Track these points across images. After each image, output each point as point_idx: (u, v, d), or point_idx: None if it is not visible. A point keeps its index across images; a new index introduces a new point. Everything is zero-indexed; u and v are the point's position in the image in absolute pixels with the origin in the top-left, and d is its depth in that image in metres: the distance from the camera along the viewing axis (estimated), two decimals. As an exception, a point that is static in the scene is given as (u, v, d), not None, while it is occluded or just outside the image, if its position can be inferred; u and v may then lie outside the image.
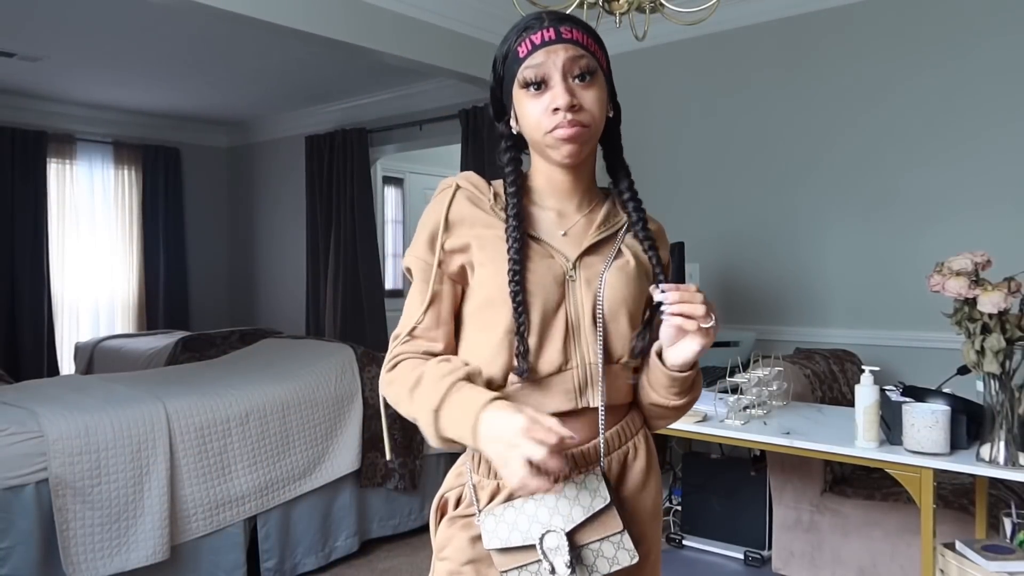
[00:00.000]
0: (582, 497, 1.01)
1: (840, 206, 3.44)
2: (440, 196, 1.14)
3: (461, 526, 1.11)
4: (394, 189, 6.75)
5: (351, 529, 3.21)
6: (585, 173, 1.16)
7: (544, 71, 1.06)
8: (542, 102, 1.07)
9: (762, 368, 2.66)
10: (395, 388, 1.10)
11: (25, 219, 5.55)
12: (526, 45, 1.08)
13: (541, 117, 1.07)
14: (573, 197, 1.16)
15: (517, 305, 1.06)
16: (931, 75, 3.20)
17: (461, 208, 1.13)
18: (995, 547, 1.99)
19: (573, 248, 1.12)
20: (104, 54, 4.48)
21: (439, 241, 1.11)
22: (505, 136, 1.16)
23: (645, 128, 3.98)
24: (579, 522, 1.01)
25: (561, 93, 1.05)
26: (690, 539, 3.28)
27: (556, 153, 1.09)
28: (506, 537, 1.02)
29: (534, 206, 1.15)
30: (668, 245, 1.23)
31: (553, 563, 1.00)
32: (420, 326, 1.12)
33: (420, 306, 1.12)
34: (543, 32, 1.08)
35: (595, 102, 1.08)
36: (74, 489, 2.45)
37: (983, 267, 2.03)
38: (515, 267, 1.06)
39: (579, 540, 1.01)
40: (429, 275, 1.11)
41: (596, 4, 2.06)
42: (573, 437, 0.94)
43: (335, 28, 3.30)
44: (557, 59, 1.06)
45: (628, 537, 1.01)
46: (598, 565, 1.01)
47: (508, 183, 1.13)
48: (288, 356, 3.50)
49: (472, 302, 1.12)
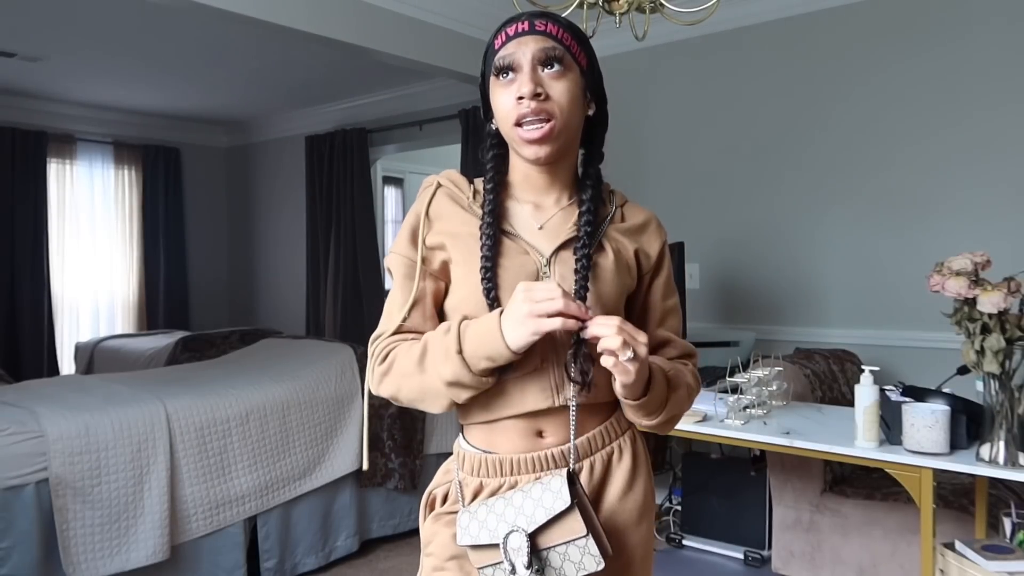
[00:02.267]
0: (545, 498, 1.00)
1: (840, 206, 3.44)
2: (422, 194, 1.15)
3: (446, 523, 1.12)
4: (394, 189, 6.75)
5: (351, 529, 3.21)
6: (564, 168, 1.15)
7: (514, 59, 1.07)
8: (510, 90, 1.07)
9: (762, 368, 2.66)
10: (396, 371, 1.08)
11: (25, 219, 5.55)
12: (501, 37, 1.10)
13: (508, 107, 1.07)
14: (551, 192, 1.15)
15: (491, 304, 1.05)
16: (931, 75, 3.20)
17: (441, 205, 1.13)
18: (995, 547, 1.99)
19: (549, 243, 1.11)
20: (104, 54, 4.48)
21: (421, 238, 1.11)
22: (491, 134, 1.17)
23: (645, 128, 3.99)
24: (541, 523, 0.99)
25: (527, 80, 1.05)
26: (690, 539, 3.28)
27: (525, 151, 1.09)
28: (476, 535, 1.02)
29: (511, 199, 1.15)
30: (662, 234, 1.21)
31: (514, 563, 0.99)
32: (406, 323, 1.11)
33: (404, 304, 1.11)
34: (518, 24, 1.09)
35: (563, 93, 1.07)
36: (74, 489, 2.45)
37: (983, 267, 2.03)
38: (487, 264, 1.06)
39: (544, 542, 1.00)
40: (412, 272, 1.11)
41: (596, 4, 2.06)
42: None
43: (335, 28, 3.30)
44: (527, 49, 1.07)
45: (593, 542, 0.99)
46: (565, 569, 0.99)
47: (487, 180, 1.13)
48: (288, 356, 3.50)
49: (450, 300, 1.13)
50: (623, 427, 1.15)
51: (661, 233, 1.21)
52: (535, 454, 1.08)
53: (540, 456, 1.08)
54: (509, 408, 1.08)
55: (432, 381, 1.04)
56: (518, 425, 1.09)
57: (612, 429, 1.13)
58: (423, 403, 1.08)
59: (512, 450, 1.09)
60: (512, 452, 1.09)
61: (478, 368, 1.01)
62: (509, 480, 1.08)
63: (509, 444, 1.10)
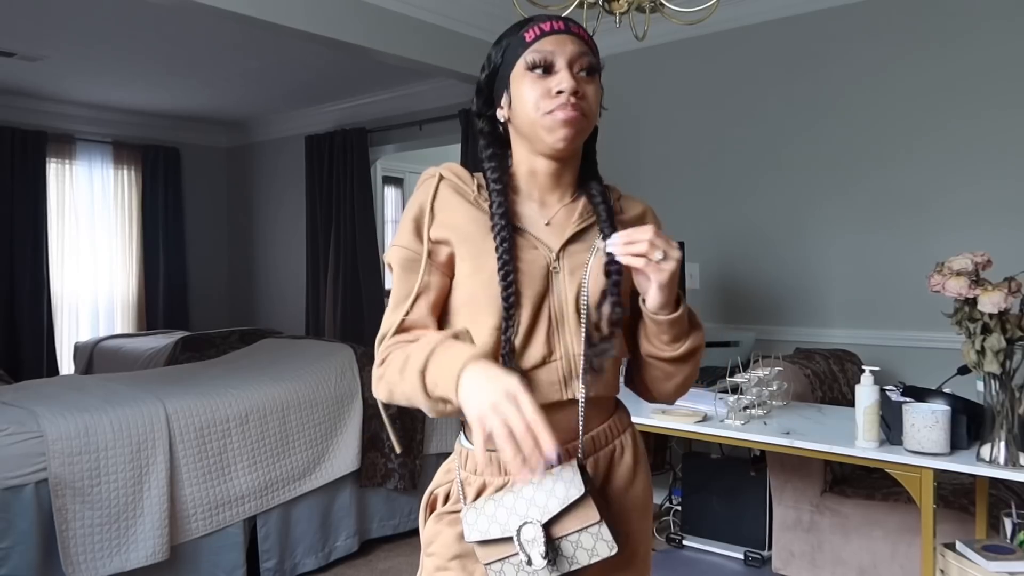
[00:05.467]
0: (558, 488, 1.00)
1: (840, 206, 3.43)
2: (424, 186, 1.13)
3: (448, 522, 1.12)
4: (394, 189, 6.75)
5: (351, 529, 3.20)
6: (570, 167, 1.16)
7: (552, 57, 1.08)
8: (545, 84, 1.07)
9: (762, 368, 2.66)
10: (386, 377, 1.08)
11: (25, 219, 5.55)
12: (534, 31, 1.10)
13: (541, 98, 1.07)
14: (556, 189, 1.15)
15: (508, 305, 1.05)
16: (931, 75, 3.20)
17: (445, 198, 1.12)
18: (995, 547, 1.98)
19: (556, 238, 1.12)
20: (104, 54, 4.48)
21: (426, 230, 1.10)
22: (485, 132, 1.17)
23: (645, 128, 3.98)
24: (555, 513, 1.00)
25: (567, 78, 1.06)
26: (690, 539, 3.28)
27: (551, 136, 1.08)
28: (485, 530, 1.02)
29: (516, 195, 1.15)
30: (659, 224, 1.21)
31: (530, 555, 0.99)
32: (409, 318, 1.10)
33: (407, 299, 1.10)
34: (552, 23, 1.10)
35: (595, 98, 1.10)
36: (74, 489, 2.44)
37: (983, 267, 2.02)
38: (506, 268, 1.06)
39: (557, 532, 1.00)
40: (416, 266, 1.10)
41: (596, 4, 2.06)
42: (550, 452, 0.88)
43: (335, 28, 3.30)
44: (565, 49, 1.08)
45: (606, 528, 1.00)
46: (578, 556, 1.00)
47: (492, 180, 1.12)
48: (288, 356, 3.50)
49: (459, 296, 1.11)
50: (624, 424, 1.16)
51: (657, 223, 1.22)
52: None
53: None
54: None
55: (409, 388, 1.04)
56: None
57: (615, 426, 1.14)
58: (414, 405, 1.07)
59: None
60: None
61: (431, 393, 1.01)
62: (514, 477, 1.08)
63: None
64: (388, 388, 1.09)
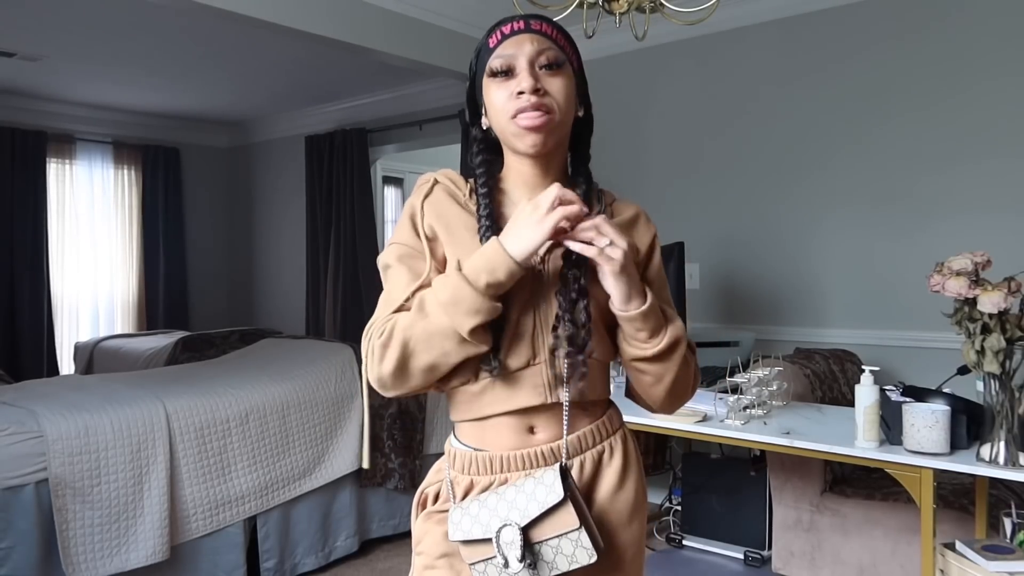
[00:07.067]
0: (538, 492, 1.01)
1: (840, 206, 3.44)
2: (419, 190, 1.16)
3: (436, 521, 1.12)
4: (394, 189, 6.75)
5: (351, 529, 3.21)
6: (555, 166, 1.16)
7: (511, 60, 1.09)
8: (508, 87, 1.08)
9: (762, 368, 2.66)
10: (399, 331, 1.03)
11: (25, 219, 5.55)
12: (496, 36, 1.11)
13: (506, 102, 1.08)
14: (543, 188, 1.14)
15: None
16: (931, 74, 3.20)
17: (438, 200, 1.14)
18: (995, 547, 1.98)
19: None
20: (104, 54, 4.48)
21: (422, 229, 1.12)
22: (478, 139, 1.18)
23: (645, 128, 3.98)
24: (533, 517, 1.00)
25: (526, 77, 1.07)
26: (690, 539, 3.28)
27: (520, 143, 1.09)
28: (468, 530, 1.03)
29: (505, 197, 1.16)
30: (652, 228, 1.21)
31: (507, 557, 1.00)
32: (408, 303, 1.07)
33: (408, 284, 1.08)
34: (512, 24, 1.11)
35: (560, 90, 1.09)
36: (74, 489, 2.45)
37: (983, 267, 2.02)
38: None
39: (537, 536, 1.00)
40: (414, 261, 1.11)
41: (596, 4, 2.06)
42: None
43: (335, 28, 3.30)
44: (523, 48, 1.09)
45: (586, 535, 1.00)
46: (557, 562, 1.00)
47: (479, 184, 1.13)
48: (288, 356, 3.50)
49: None
50: (614, 426, 1.16)
51: (651, 227, 1.22)
52: (525, 451, 1.09)
53: (530, 453, 1.09)
54: (501, 404, 1.08)
55: (434, 317, 1.01)
56: (510, 422, 1.09)
57: (603, 428, 1.14)
58: (431, 355, 1.03)
59: (503, 447, 1.10)
60: (503, 449, 1.10)
61: (479, 284, 1.00)
62: (499, 477, 1.09)
63: (500, 441, 1.10)
64: (399, 346, 1.03)
